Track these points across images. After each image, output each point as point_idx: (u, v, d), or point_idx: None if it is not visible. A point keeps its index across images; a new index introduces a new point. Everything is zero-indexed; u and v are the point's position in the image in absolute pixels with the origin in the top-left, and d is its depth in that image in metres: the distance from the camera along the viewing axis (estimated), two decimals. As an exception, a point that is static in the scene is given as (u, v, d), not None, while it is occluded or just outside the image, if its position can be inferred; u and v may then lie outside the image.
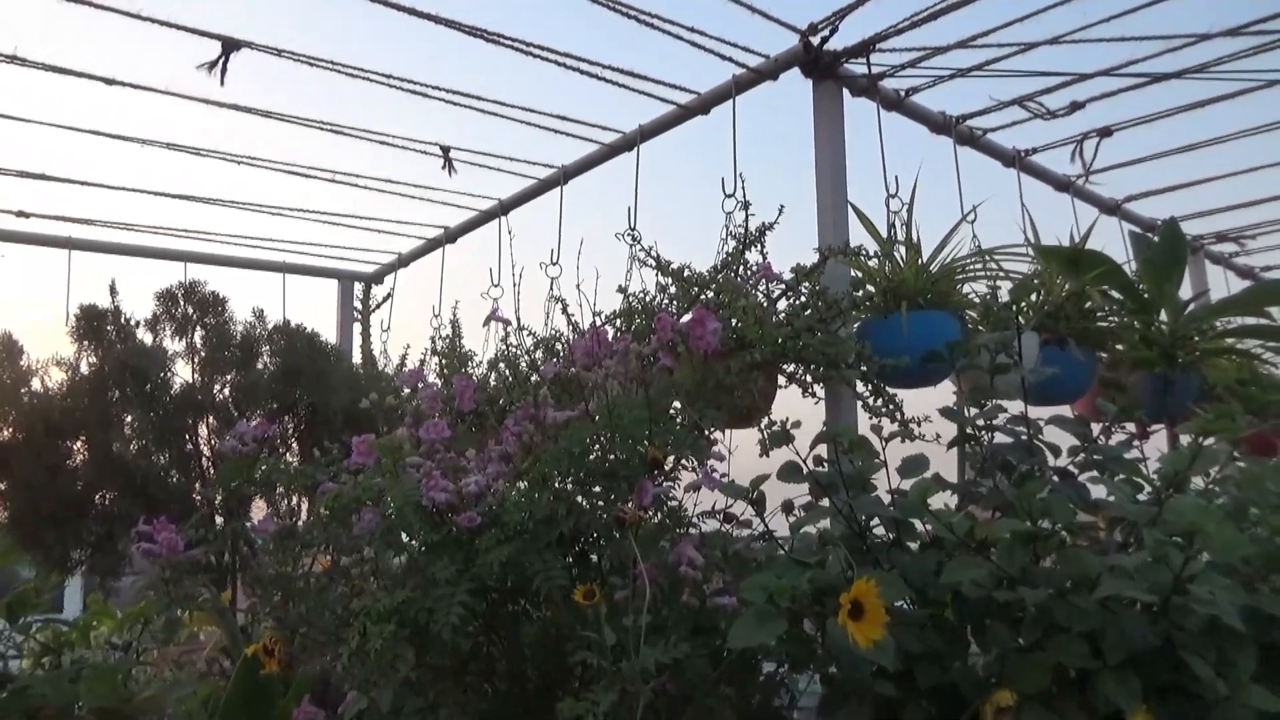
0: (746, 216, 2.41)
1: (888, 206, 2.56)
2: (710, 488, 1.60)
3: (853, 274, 2.44)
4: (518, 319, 2.71)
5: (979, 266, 2.57)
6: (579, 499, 1.67)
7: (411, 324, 4.01)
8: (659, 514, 1.72)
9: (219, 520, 2.95)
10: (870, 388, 2.26)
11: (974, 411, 1.88)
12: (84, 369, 2.86)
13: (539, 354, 2.60)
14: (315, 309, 4.61)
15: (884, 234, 2.52)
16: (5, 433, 2.76)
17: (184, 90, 2.46)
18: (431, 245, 3.98)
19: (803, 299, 2.31)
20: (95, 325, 2.87)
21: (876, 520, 1.69)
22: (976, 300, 2.58)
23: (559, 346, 2.56)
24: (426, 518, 1.73)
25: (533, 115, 2.81)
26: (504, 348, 2.75)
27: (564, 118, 2.87)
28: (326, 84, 2.50)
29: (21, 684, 2.94)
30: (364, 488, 1.74)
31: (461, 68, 2.66)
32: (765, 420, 1.77)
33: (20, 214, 3.22)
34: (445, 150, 3.02)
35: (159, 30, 2.14)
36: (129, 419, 2.87)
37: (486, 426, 2.42)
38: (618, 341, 1.82)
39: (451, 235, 3.86)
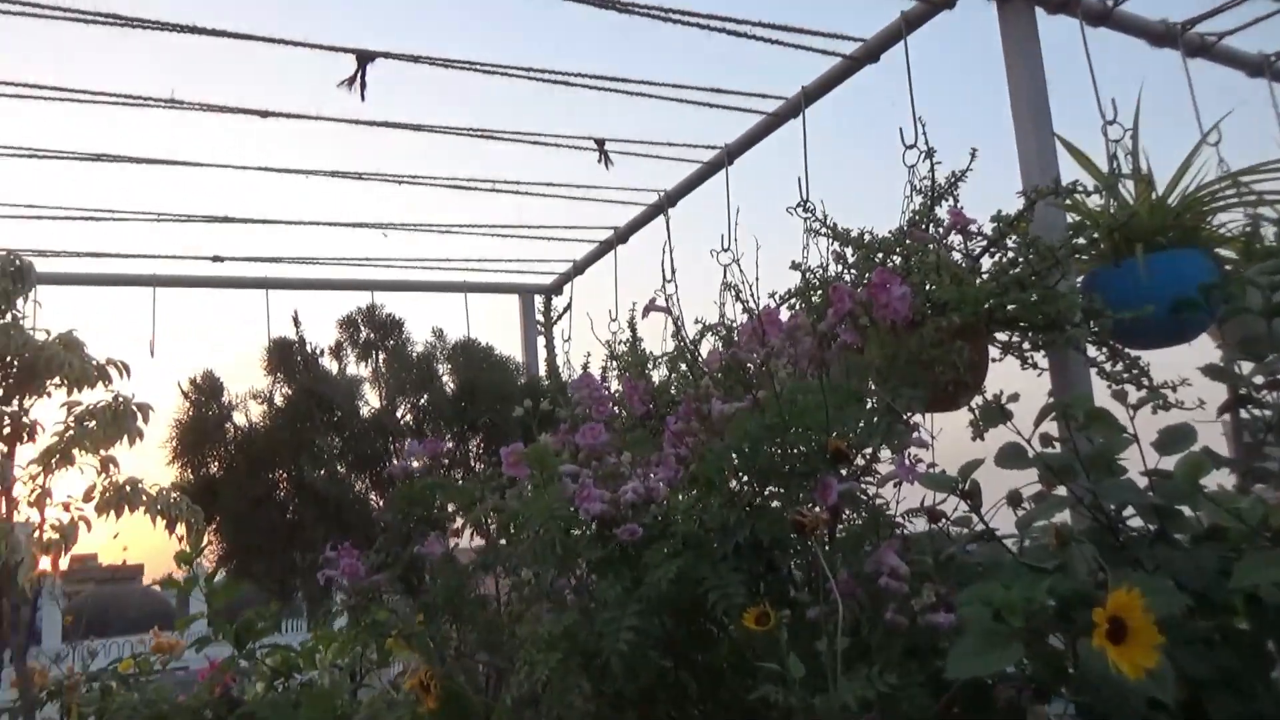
0: (932, 166, 2.10)
1: (1105, 136, 2.16)
2: (909, 480, 1.33)
3: (1069, 219, 2.07)
4: (679, 311, 2.52)
5: (1231, 193, 2.12)
6: (756, 502, 1.45)
7: (592, 331, 3.92)
8: (853, 516, 1.47)
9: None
10: (1105, 350, 1.89)
11: (1249, 367, 1.50)
12: (278, 400, 2.94)
13: (709, 342, 2.40)
14: (500, 326, 4.63)
15: (1104, 168, 2.13)
16: (214, 467, 2.88)
17: (332, 114, 2.46)
18: (604, 248, 3.87)
19: (1009, 253, 1.97)
20: (285, 357, 2.94)
21: (1130, 510, 1.36)
22: (1231, 235, 2.13)
23: (733, 335, 2.35)
24: (595, 532, 1.56)
25: (685, 92, 2.62)
26: (675, 343, 2.56)
27: (719, 90, 2.66)
28: (467, 90, 2.42)
29: (249, 709, 3.06)
30: (525, 503, 1.60)
31: (600, 50, 2.52)
32: (977, 398, 1.49)
33: (215, 259, 3.39)
34: (599, 144, 2.88)
35: (295, 57, 2.12)
36: (321, 446, 2.92)
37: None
38: (790, 319, 1.58)
39: (622, 235, 3.73)
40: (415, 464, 2.26)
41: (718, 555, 1.43)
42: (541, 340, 4.27)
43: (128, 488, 2.63)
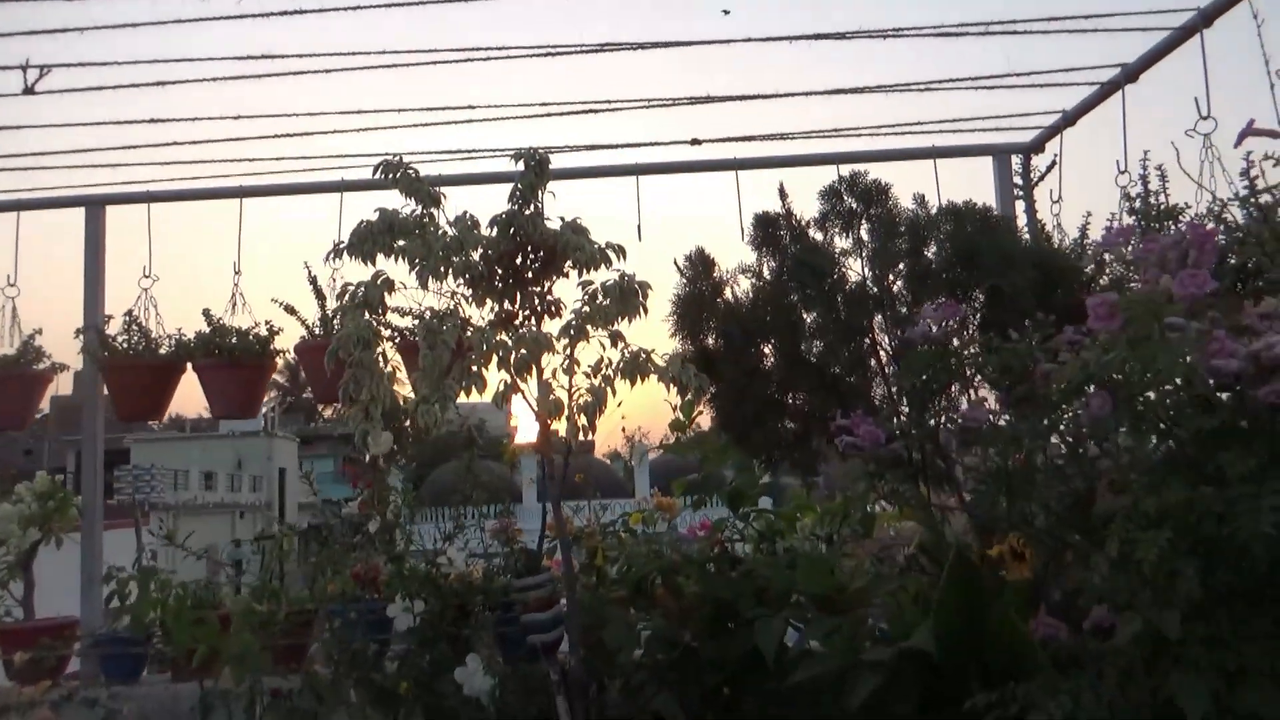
0: None
1: None
2: None
3: None
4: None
5: None
6: None
7: (1085, 192, 3.45)
8: None
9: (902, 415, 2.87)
10: None
11: None
12: (765, 274, 2.97)
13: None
14: (970, 192, 4.29)
15: None
16: (710, 340, 3.01)
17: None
18: (1106, 91, 3.35)
19: None
20: (769, 231, 2.96)
21: None
22: None
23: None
24: (1196, 396, 1.33)
25: None
26: (1245, 187, 2.11)
27: None
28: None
29: (749, 566, 3.26)
30: (1102, 363, 1.40)
31: None
32: None
33: (694, 142, 3.49)
34: (1126, -46, 2.42)
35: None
36: (809, 319, 2.91)
37: (1244, 290, 1.87)
38: None
39: (1131, 73, 3.19)
40: (930, 328, 2.15)
41: None
42: (1021, 205, 3.89)
43: (642, 357, 2.83)
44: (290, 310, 3.77)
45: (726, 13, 3.05)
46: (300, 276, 3.88)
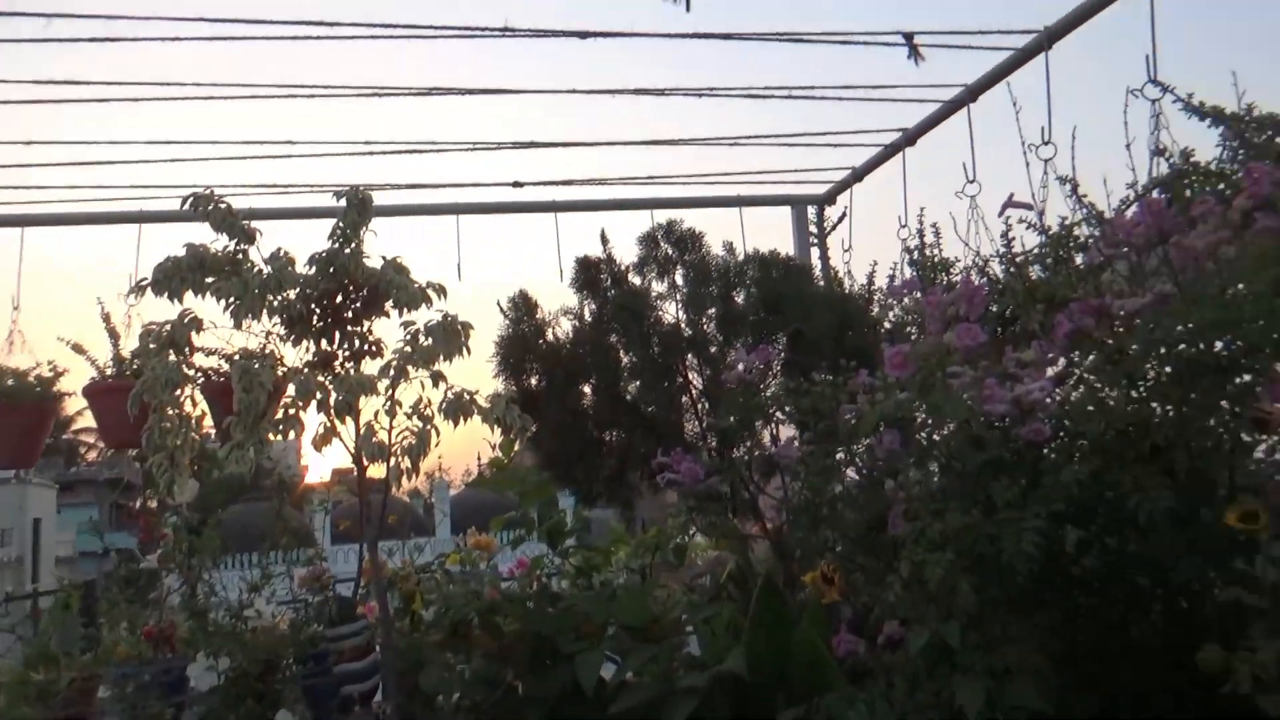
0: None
1: None
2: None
3: None
4: (976, 224, 2.37)
5: None
6: (1177, 402, 1.35)
7: (872, 242, 3.80)
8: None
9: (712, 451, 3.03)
10: None
11: None
12: (586, 316, 3.07)
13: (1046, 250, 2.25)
14: (770, 239, 4.62)
15: None
16: (533, 380, 3.07)
17: (649, 28, 2.48)
18: (888, 152, 3.72)
19: None
20: (591, 274, 3.06)
21: None
22: None
23: (1083, 234, 2.18)
24: (971, 435, 1.52)
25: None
26: (1003, 246, 2.42)
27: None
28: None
29: (569, 602, 3.30)
30: (899, 405, 1.59)
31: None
32: None
33: (515, 184, 3.57)
34: (909, 37, 2.73)
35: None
36: (627, 360, 3.03)
37: (1003, 335, 2.14)
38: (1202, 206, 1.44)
39: (910, 137, 3.56)
40: (744, 371, 2.31)
41: (1129, 458, 1.35)
42: (816, 252, 4.22)
43: (465, 398, 2.85)
44: (79, 349, 3.50)
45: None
46: (91, 314, 3.61)
